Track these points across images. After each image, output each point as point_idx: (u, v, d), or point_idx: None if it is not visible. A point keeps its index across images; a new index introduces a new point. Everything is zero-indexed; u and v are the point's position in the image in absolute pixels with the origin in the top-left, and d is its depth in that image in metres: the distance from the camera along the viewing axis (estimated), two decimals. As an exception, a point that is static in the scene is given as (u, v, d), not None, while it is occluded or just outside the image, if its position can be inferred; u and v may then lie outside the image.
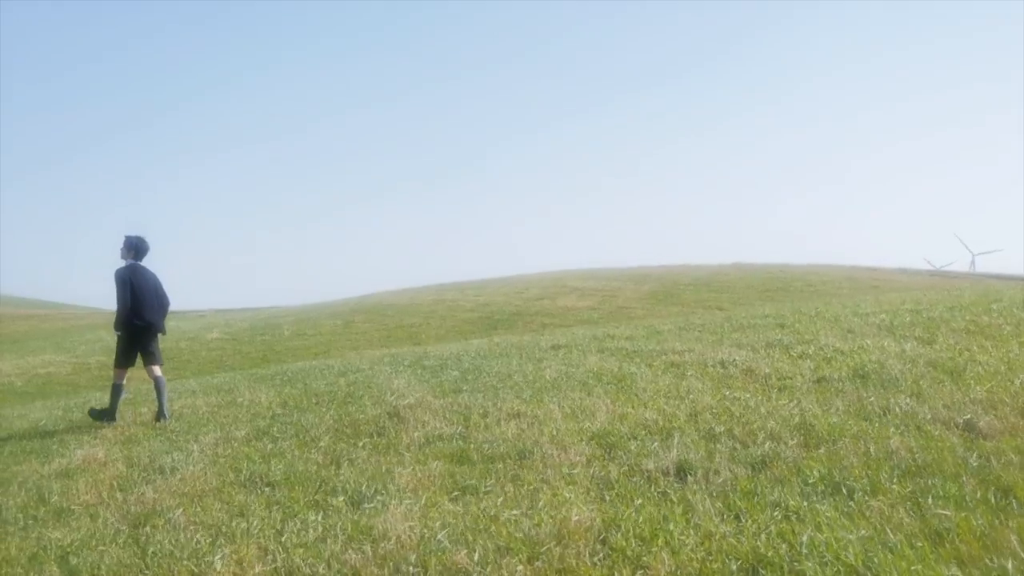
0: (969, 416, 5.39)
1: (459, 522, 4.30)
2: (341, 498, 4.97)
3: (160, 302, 9.16)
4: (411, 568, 3.74)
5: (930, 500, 4.00)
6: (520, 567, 3.64)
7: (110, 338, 10.24)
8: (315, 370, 12.06)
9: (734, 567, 3.49)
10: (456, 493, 4.83)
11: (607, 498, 4.51)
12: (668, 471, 4.85)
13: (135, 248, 9.01)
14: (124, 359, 9.01)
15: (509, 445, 5.80)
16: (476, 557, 3.78)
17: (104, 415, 9.00)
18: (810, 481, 4.42)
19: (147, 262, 9.16)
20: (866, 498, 4.13)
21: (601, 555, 3.71)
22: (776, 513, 4.02)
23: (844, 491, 4.23)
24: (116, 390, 9.01)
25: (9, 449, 8.01)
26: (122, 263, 9.01)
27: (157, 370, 8.98)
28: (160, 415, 8.78)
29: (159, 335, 9.24)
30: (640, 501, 4.35)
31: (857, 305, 12.88)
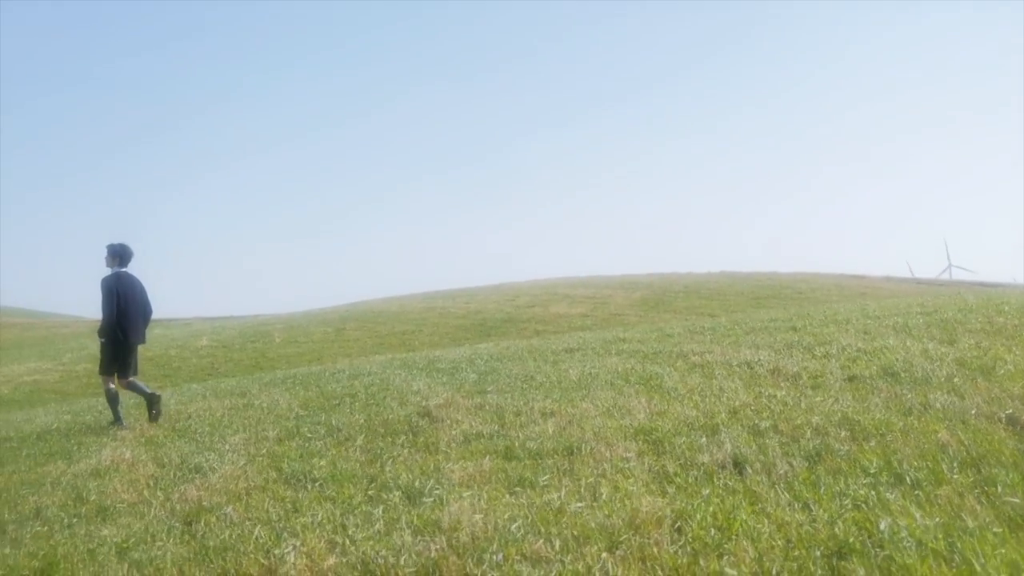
0: (1011, 411, 5.45)
1: (526, 514, 4.30)
2: (396, 493, 4.95)
3: (144, 312, 9.21)
4: (493, 557, 3.73)
5: (999, 489, 4.04)
6: (604, 555, 3.65)
7: (94, 346, 10.21)
8: (326, 374, 12.01)
9: (818, 553, 3.51)
10: (516, 488, 4.83)
11: (669, 491, 4.53)
12: (724, 464, 4.88)
13: (119, 255, 9.02)
14: (109, 367, 9.04)
15: (554, 442, 5.81)
16: (556, 546, 3.78)
17: (116, 423, 9.00)
18: (871, 472, 4.46)
19: (132, 268, 9.19)
20: (931, 488, 4.17)
21: (680, 544, 3.72)
22: (845, 502, 4.05)
23: (908, 481, 4.27)
24: (110, 395, 9.05)
25: (27, 451, 7.93)
26: (108, 271, 9.03)
27: (133, 380, 9.04)
28: (152, 403, 8.96)
29: (140, 345, 9.24)
30: (708, 492, 4.37)
31: (863, 309, 12.99)
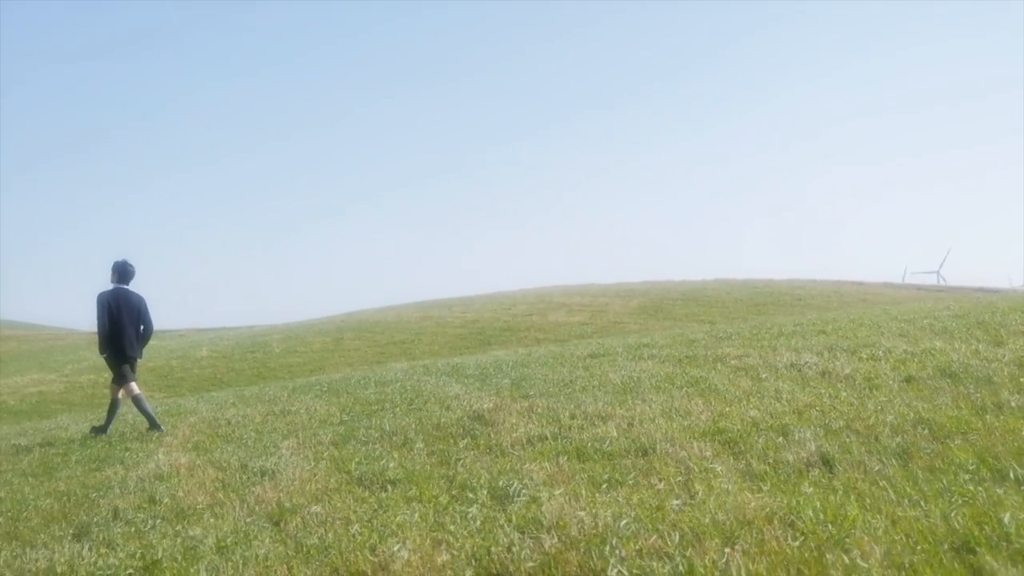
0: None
1: (626, 512, 4.30)
2: (483, 493, 4.94)
3: (141, 328, 9.36)
4: (616, 552, 3.73)
5: (1108, 483, 4.08)
6: (726, 550, 3.65)
7: (94, 358, 10.37)
8: (352, 381, 12.01)
9: (945, 547, 3.53)
10: (604, 487, 4.83)
11: (764, 488, 4.54)
12: (812, 462, 4.89)
13: (119, 272, 9.24)
14: (122, 376, 9.22)
15: (623, 443, 5.81)
16: (676, 540, 3.79)
17: (153, 428, 9.04)
18: (969, 469, 4.48)
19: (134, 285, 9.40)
20: (1038, 483, 4.20)
21: (800, 540, 3.73)
22: (954, 498, 4.07)
23: (1012, 478, 4.29)
24: (138, 402, 9.17)
25: (75, 457, 7.88)
26: (110, 286, 9.25)
27: (120, 394, 9.27)
28: (103, 429, 9.17)
29: (137, 359, 9.41)
30: (809, 489, 4.39)
31: (887, 312, 13.08)
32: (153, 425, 9.01)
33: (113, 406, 9.31)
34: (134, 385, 9.20)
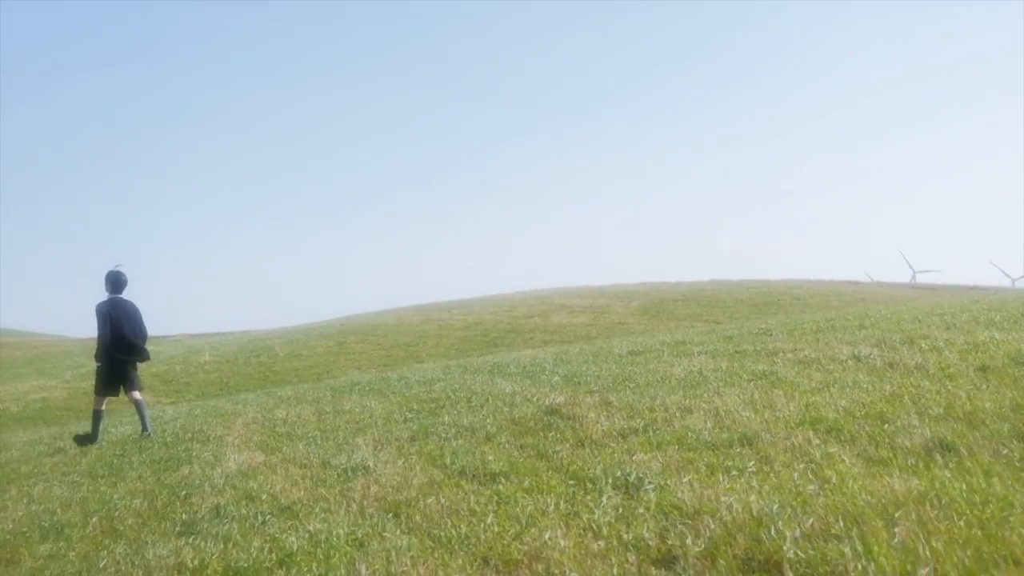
0: None
1: (767, 496, 4.30)
2: (606, 482, 4.92)
3: (138, 334, 9.44)
4: (786, 533, 3.72)
5: None
6: (897, 530, 3.65)
7: (91, 364, 10.48)
8: (391, 381, 11.95)
9: (1114, 523, 3.54)
10: (734, 472, 4.82)
11: (893, 473, 4.54)
12: (932, 447, 4.90)
13: (112, 282, 9.39)
14: (104, 388, 9.37)
15: (723, 433, 5.81)
16: (841, 523, 3.78)
17: (87, 439, 9.18)
18: (1105, 451, 4.51)
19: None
20: None
21: (963, 519, 3.73)
22: (1099, 478, 4.09)
23: None
24: (97, 416, 9.28)
25: (136, 459, 7.81)
26: (105, 296, 9.37)
27: (137, 394, 9.36)
28: (144, 430, 9.27)
29: (140, 363, 9.51)
30: (947, 472, 4.40)
31: (918, 307, 13.16)
32: (93, 438, 9.15)
33: (96, 417, 9.31)
34: (103, 402, 9.35)
